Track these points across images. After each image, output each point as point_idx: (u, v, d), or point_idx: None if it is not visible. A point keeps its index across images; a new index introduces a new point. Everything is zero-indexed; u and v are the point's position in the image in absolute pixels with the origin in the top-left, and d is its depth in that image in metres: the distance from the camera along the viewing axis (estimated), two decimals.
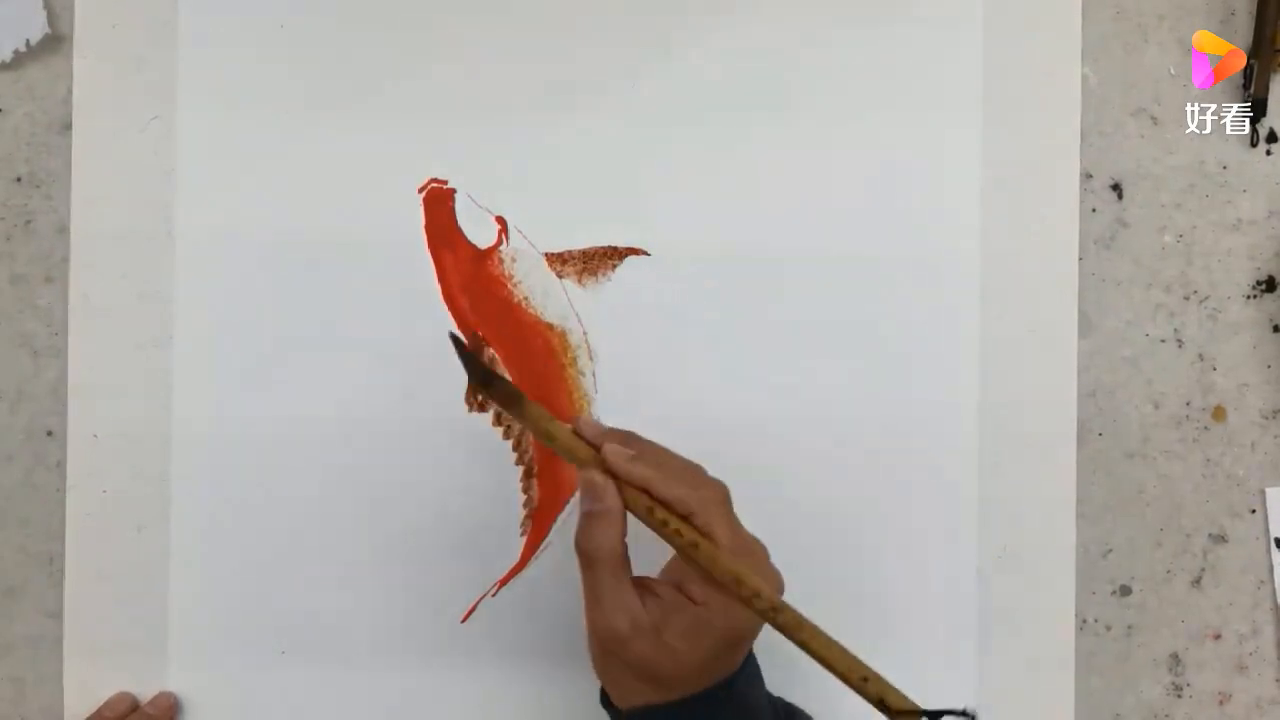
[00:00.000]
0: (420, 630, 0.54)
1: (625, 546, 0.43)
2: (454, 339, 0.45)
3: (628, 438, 0.45)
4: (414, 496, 0.54)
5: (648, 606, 0.43)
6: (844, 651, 0.41)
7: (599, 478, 0.43)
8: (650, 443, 0.45)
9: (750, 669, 0.46)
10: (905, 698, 0.39)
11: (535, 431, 0.44)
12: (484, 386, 0.45)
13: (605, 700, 0.47)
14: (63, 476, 0.53)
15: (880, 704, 0.39)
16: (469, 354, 0.45)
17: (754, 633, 0.44)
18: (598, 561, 0.43)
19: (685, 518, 0.43)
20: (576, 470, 0.44)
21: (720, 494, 0.44)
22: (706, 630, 0.42)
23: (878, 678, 0.40)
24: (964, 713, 0.38)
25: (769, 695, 0.48)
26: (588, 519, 0.43)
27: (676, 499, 0.43)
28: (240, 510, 0.53)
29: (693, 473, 0.45)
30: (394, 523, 0.54)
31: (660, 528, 0.43)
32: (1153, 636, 0.56)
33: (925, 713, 0.39)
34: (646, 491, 0.43)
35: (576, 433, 0.44)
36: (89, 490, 0.53)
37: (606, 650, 0.44)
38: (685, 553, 0.43)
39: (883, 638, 0.53)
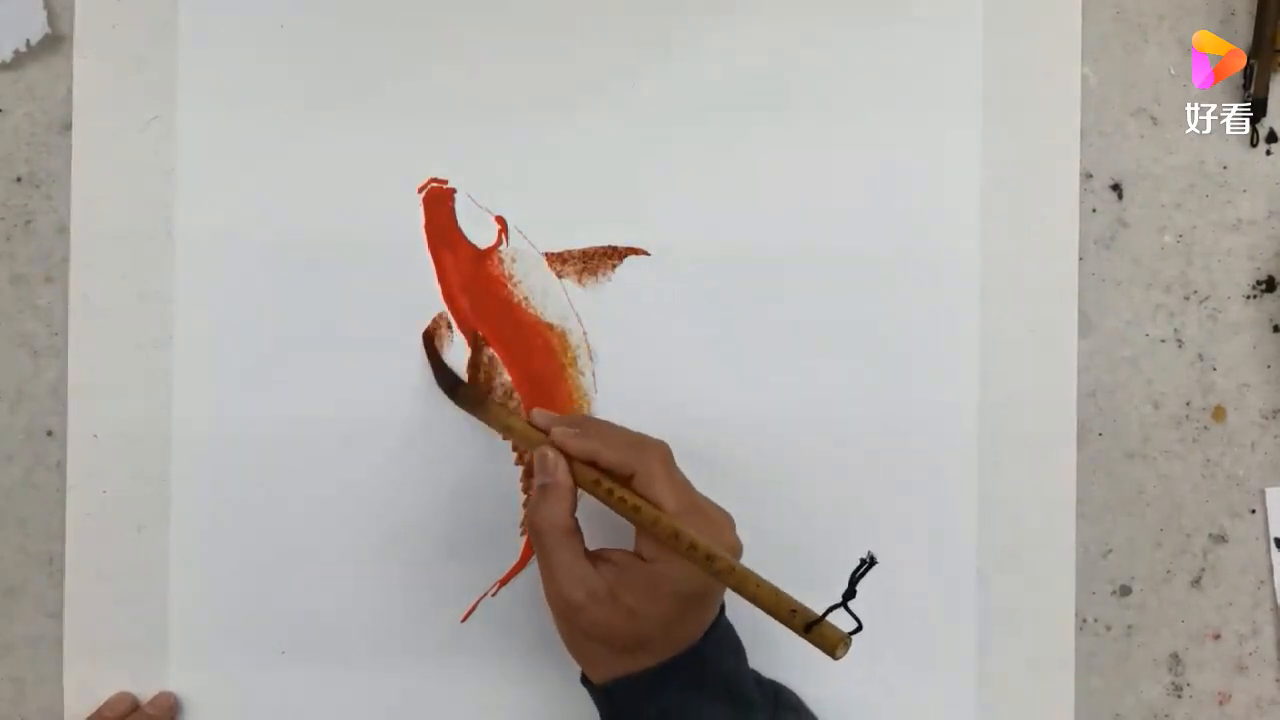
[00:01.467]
0: (420, 630, 0.54)
1: (575, 520, 0.46)
2: (426, 339, 0.50)
3: (576, 420, 0.48)
4: (414, 496, 0.54)
5: (601, 572, 0.44)
6: (773, 588, 0.42)
7: (550, 453, 0.46)
8: (599, 421, 0.49)
9: (722, 637, 0.47)
10: (823, 618, 0.41)
11: (496, 426, 0.50)
12: (449, 391, 0.51)
13: (585, 680, 0.48)
14: (63, 476, 0.53)
15: (805, 630, 0.41)
16: (435, 354, 0.50)
17: (711, 590, 0.45)
18: (548, 533, 0.45)
19: (628, 480, 0.45)
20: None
21: (660, 453, 0.46)
22: (659, 588, 0.44)
23: (805, 608, 0.41)
24: (867, 559, 0.41)
25: (756, 674, 0.49)
26: (539, 493, 0.46)
27: (619, 462, 0.45)
28: (240, 510, 0.53)
29: (635, 438, 0.47)
30: (394, 523, 0.54)
31: (606, 497, 0.45)
32: (1153, 636, 0.56)
33: (843, 602, 0.40)
34: (594, 464, 0.45)
35: (530, 423, 0.48)
36: (89, 490, 0.53)
37: (567, 621, 0.45)
38: (628, 516, 0.45)
39: (883, 637, 0.53)
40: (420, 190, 0.54)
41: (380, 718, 0.54)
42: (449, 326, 0.54)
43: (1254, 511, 0.56)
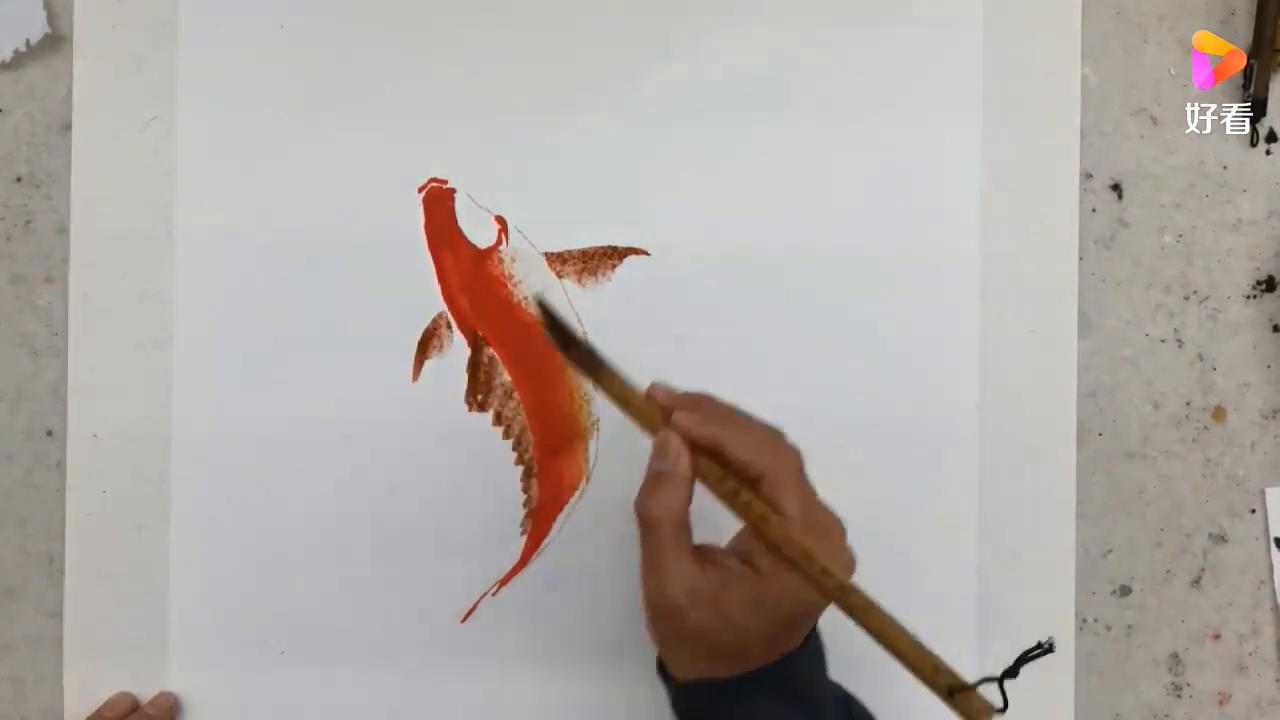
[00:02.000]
0: (420, 630, 0.54)
1: (688, 514, 0.42)
2: (539, 303, 0.44)
3: (702, 401, 0.43)
4: (414, 496, 0.54)
5: (707, 575, 0.41)
6: (915, 640, 0.39)
7: (673, 439, 0.41)
8: (726, 405, 0.44)
9: (813, 649, 0.44)
10: (973, 688, 0.38)
11: (610, 395, 0.44)
12: (564, 348, 0.44)
13: (662, 668, 0.45)
14: (63, 476, 0.53)
15: (949, 694, 0.38)
16: (554, 318, 0.44)
17: (819, 610, 0.42)
18: (658, 525, 0.41)
19: (755, 482, 0.41)
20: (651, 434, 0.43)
21: (794, 462, 0.42)
22: (769, 604, 0.40)
23: (949, 669, 0.38)
24: (1047, 644, 0.38)
25: (830, 682, 0.46)
26: (654, 480, 0.42)
27: (746, 462, 0.41)
28: (240, 510, 0.53)
29: (767, 437, 0.43)
30: (394, 523, 0.54)
31: (730, 497, 0.41)
32: (1152, 636, 0.56)
33: (1001, 679, 0.38)
34: (716, 453, 0.41)
35: (650, 397, 0.43)
36: (89, 490, 0.53)
37: (662, 619, 0.42)
38: (753, 525, 0.41)
39: None
40: (420, 190, 0.54)
41: (380, 718, 0.54)
42: (449, 326, 0.54)
43: (1254, 511, 0.56)
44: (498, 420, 0.54)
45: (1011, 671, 0.38)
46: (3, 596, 0.54)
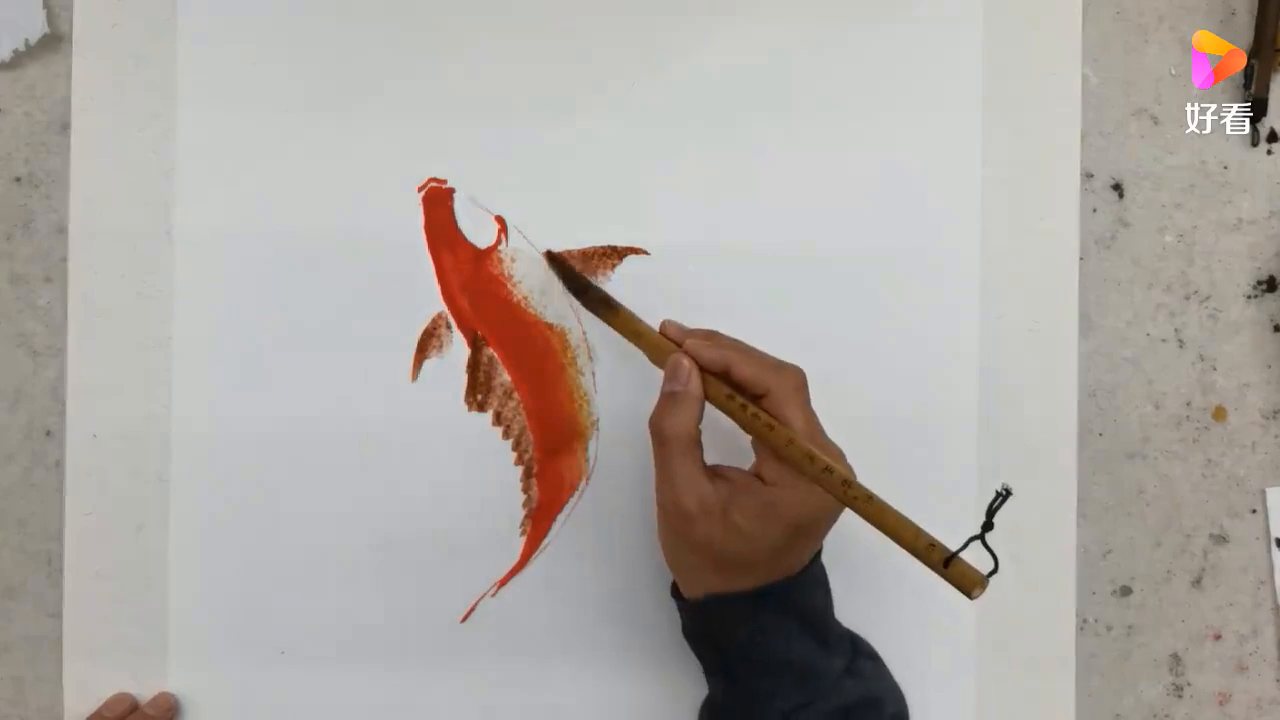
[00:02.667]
0: (420, 630, 0.54)
1: (699, 432, 0.45)
2: (548, 256, 0.51)
3: (710, 334, 0.47)
4: (414, 496, 0.54)
5: (717, 487, 0.44)
6: (911, 523, 0.42)
7: (685, 361, 0.45)
8: (732, 339, 0.47)
9: (818, 576, 0.47)
10: (967, 565, 0.41)
11: (625, 332, 0.49)
12: (579, 293, 0.51)
13: (676, 594, 0.48)
14: (62, 476, 0.53)
15: (944, 566, 0.41)
16: (564, 263, 0.51)
17: (822, 521, 0.45)
18: (672, 440, 0.44)
19: (760, 399, 0.44)
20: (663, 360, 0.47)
21: (797, 379, 0.46)
22: (776, 512, 0.43)
23: (942, 545, 0.41)
24: (1003, 491, 0.41)
25: (835, 621, 0.49)
26: (667, 399, 0.45)
27: (753, 377, 0.44)
28: (240, 510, 0.53)
29: (771, 359, 0.46)
30: (394, 523, 0.54)
31: (739, 411, 0.44)
32: (1153, 637, 0.56)
33: (982, 536, 0.41)
34: (725, 374, 0.45)
35: (663, 332, 0.48)
36: (88, 490, 0.53)
37: (675, 530, 0.45)
38: (759, 433, 0.44)
39: (883, 637, 0.53)
40: (420, 190, 0.54)
41: (380, 718, 0.54)
42: (448, 326, 0.54)
43: (1254, 511, 0.56)
44: (498, 420, 0.54)
45: (987, 525, 0.41)
46: (2, 596, 0.54)
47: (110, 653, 0.53)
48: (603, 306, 0.50)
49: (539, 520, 0.54)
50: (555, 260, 0.51)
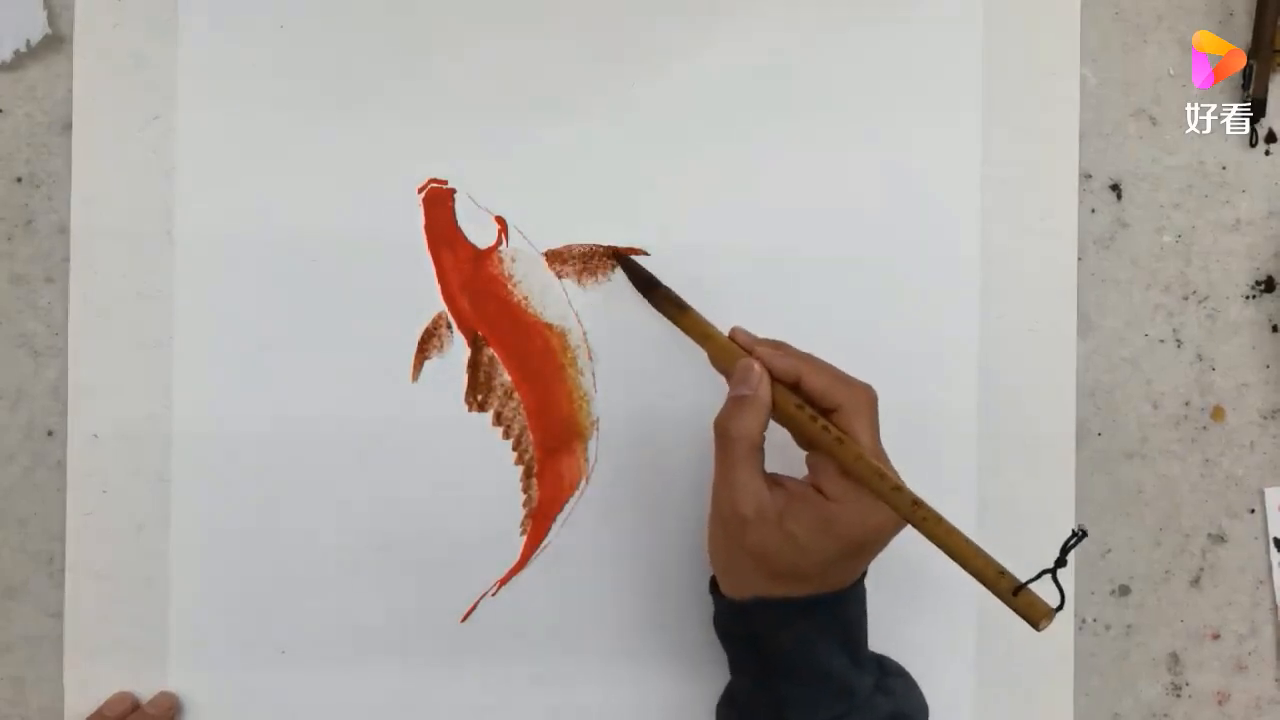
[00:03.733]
0: (420, 630, 0.54)
1: (764, 438, 0.45)
2: (614, 253, 0.51)
3: (779, 344, 0.47)
4: (414, 496, 0.54)
5: (774, 496, 0.44)
6: (979, 549, 0.42)
7: (756, 366, 0.45)
8: (801, 351, 0.47)
9: (861, 595, 0.47)
10: (1035, 595, 0.41)
11: (692, 334, 0.49)
12: (647, 291, 0.51)
13: (714, 589, 0.48)
14: (63, 476, 0.53)
15: (1013, 594, 0.41)
16: (631, 261, 0.51)
17: (880, 541, 0.45)
18: (736, 443, 0.44)
19: (829, 413, 0.44)
20: (731, 364, 0.46)
21: (869, 395, 0.45)
22: (834, 527, 0.43)
23: (1010, 574, 0.41)
24: (1079, 531, 0.41)
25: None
26: (735, 403, 0.45)
27: (824, 389, 0.44)
28: (241, 510, 0.53)
29: (842, 374, 0.46)
30: (394, 523, 0.54)
31: (807, 422, 0.44)
32: (1152, 636, 0.56)
33: (1054, 570, 0.41)
34: (795, 385, 0.45)
35: (732, 339, 0.47)
36: (89, 490, 0.53)
37: (728, 533, 0.44)
38: (827, 446, 0.44)
39: (883, 637, 0.53)
40: (420, 190, 0.54)
41: (380, 718, 0.54)
42: (449, 326, 0.54)
43: (1253, 511, 0.56)
44: (498, 420, 0.54)
45: (1060, 562, 0.40)
46: (3, 596, 0.54)
47: (111, 652, 0.53)
48: (671, 306, 0.50)
49: (539, 520, 0.54)
50: (622, 259, 0.52)
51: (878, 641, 0.51)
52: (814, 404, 0.45)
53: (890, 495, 0.42)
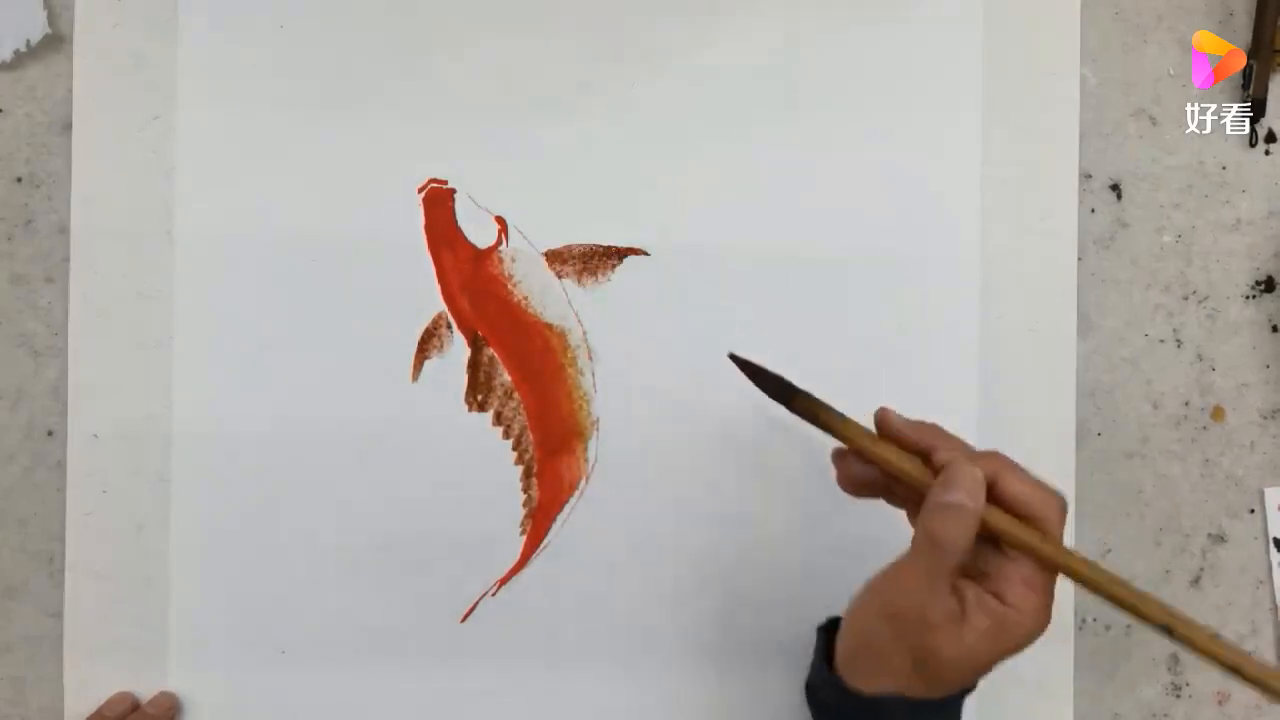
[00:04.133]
0: (420, 630, 0.54)
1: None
2: (736, 360, 0.45)
3: (937, 431, 0.45)
4: (414, 496, 0.54)
5: (957, 601, 0.42)
6: (1253, 658, 0.42)
7: (976, 474, 0.42)
8: (987, 450, 0.44)
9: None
10: None
11: (851, 443, 0.44)
12: (786, 401, 0.45)
13: (826, 673, 0.45)
14: (63, 476, 0.53)
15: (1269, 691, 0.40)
16: (761, 371, 0.45)
17: (1028, 645, 0.43)
18: (946, 553, 0.41)
19: (1027, 520, 0.42)
20: (940, 463, 0.43)
21: (1064, 505, 0.43)
22: (1009, 635, 0.42)
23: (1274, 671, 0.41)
24: None
25: None
26: (947, 511, 0.42)
27: (1022, 495, 0.42)
28: (240, 510, 0.53)
29: (1036, 477, 0.43)
30: (394, 522, 0.54)
31: (1013, 529, 0.42)
32: (1152, 636, 0.56)
33: None
34: (991, 487, 0.42)
35: (882, 423, 0.44)
36: (89, 490, 0.53)
37: (899, 631, 0.42)
38: (1038, 555, 0.42)
39: None
40: (420, 190, 0.54)
41: (380, 718, 0.54)
42: (449, 326, 0.54)
43: (1253, 511, 0.56)
44: (498, 420, 0.54)
45: None
46: (3, 596, 0.54)
47: (111, 652, 0.53)
48: (820, 416, 0.45)
49: (539, 520, 0.54)
50: (742, 362, 0.45)
51: None
52: (1006, 508, 0.42)
53: (1139, 607, 0.42)
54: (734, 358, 0.45)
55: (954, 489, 0.42)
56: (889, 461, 0.43)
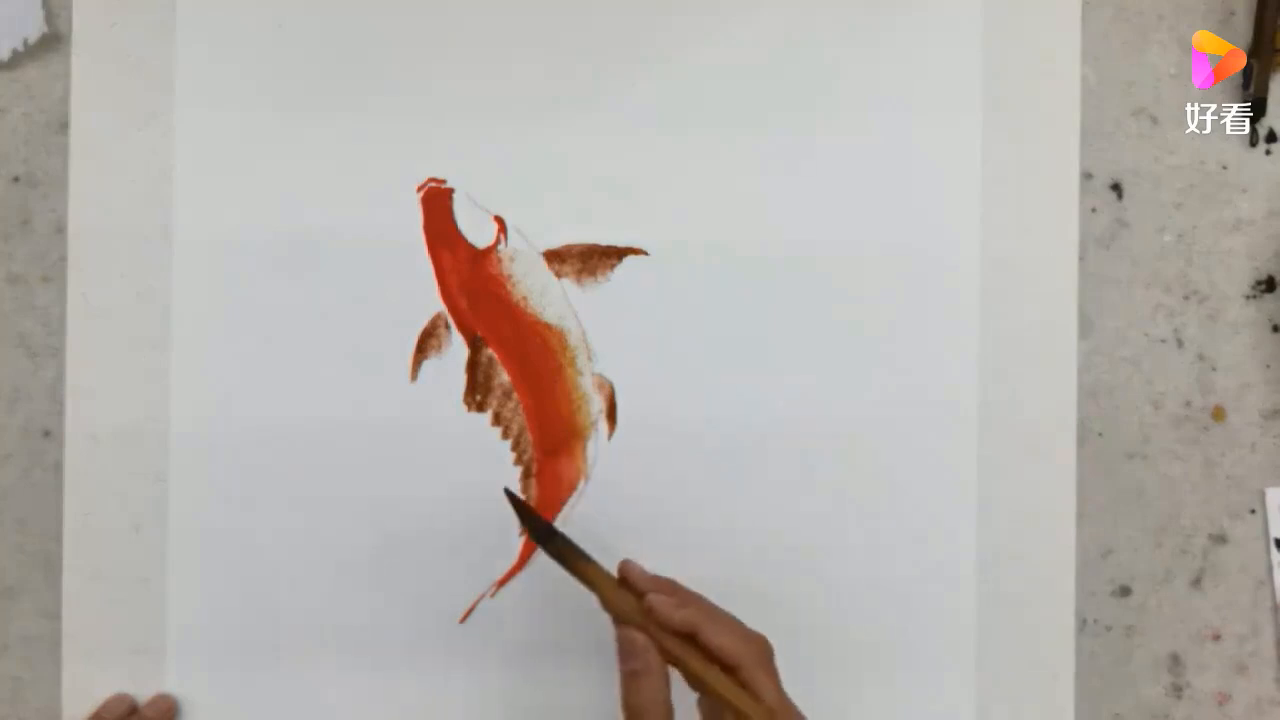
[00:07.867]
0: (420, 630, 0.54)
1: (670, 702, 0.43)
2: (509, 494, 0.49)
3: (671, 585, 0.46)
4: (413, 496, 0.54)
5: None
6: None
7: (639, 638, 0.44)
8: (692, 592, 0.46)
9: None
10: None
11: (590, 586, 0.47)
12: (543, 542, 0.48)
13: None
14: (60, 477, 0.53)
15: None
16: (528, 513, 0.49)
17: None
18: (648, 713, 0.43)
19: (730, 669, 0.43)
20: (614, 627, 0.45)
21: (768, 650, 0.44)
22: None
23: None
24: None
25: None
26: (631, 678, 0.43)
27: (723, 647, 0.43)
28: (239, 510, 0.53)
29: (738, 624, 0.45)
30: (393, 523, 0.54)
31: (710, 684, 0.43)
32: (1152, 637, 0.56)
33: None
34: (691, 638, 0.43)
35: (623, 574, 0.47)
36: (86, 491, 0.53)
37: None
38: (734, 708, 0.42)
39: (883, 638, 0.53)
40: (419, 190, 0.54)
41: (380, 718, 0.54)
42: (447, 327, 0.54)
43: (1254, 512, 0.56)
44: (496, 420, 0.54)
45: None
46: (1, 597, 0.53)
47: (108, 653, 0.53)
48: (568, 557, 0.48)
49: None
50: (514, 499, 0.49)
51: (876, 644, 0.51)
52: (711, 658, 0.43)
53: None
54: (507, 492, 0.49)
55: (625, 658, 0.44)
56: (621, 611, 0.45)
